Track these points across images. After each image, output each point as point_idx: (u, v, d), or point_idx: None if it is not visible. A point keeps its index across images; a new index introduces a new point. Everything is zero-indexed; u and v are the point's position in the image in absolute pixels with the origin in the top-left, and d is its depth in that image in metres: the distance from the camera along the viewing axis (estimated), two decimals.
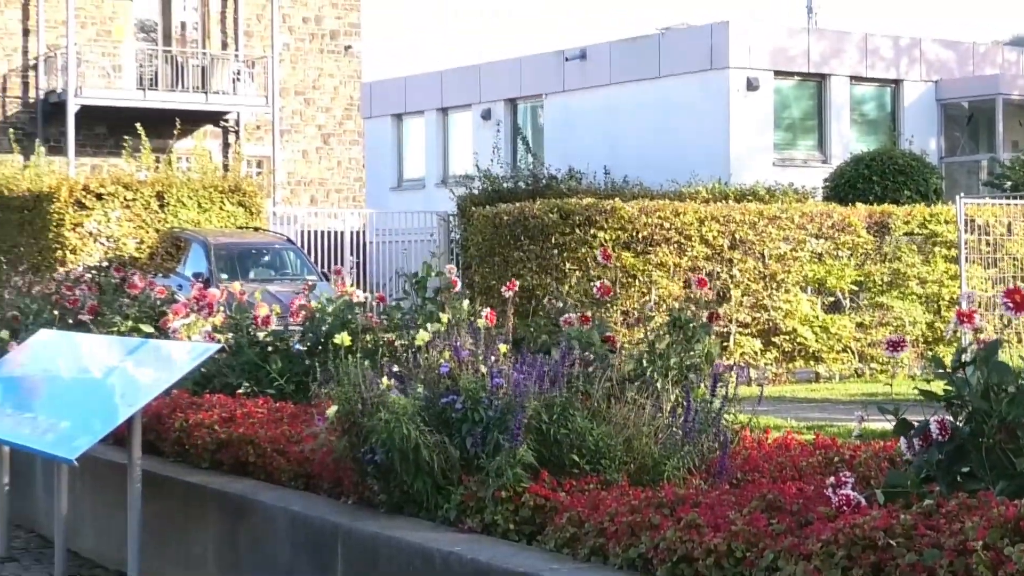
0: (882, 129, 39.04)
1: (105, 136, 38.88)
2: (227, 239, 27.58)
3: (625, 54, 39.95)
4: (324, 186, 43.49)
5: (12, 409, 10.05)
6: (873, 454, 7.47)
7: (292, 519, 8.14)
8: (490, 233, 22.23)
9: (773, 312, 21.51)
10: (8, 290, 15.56)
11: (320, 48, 43.61)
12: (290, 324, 11.41)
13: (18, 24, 40.01)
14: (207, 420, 9.72)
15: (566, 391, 7.85)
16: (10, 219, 29.43)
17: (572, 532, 6.62)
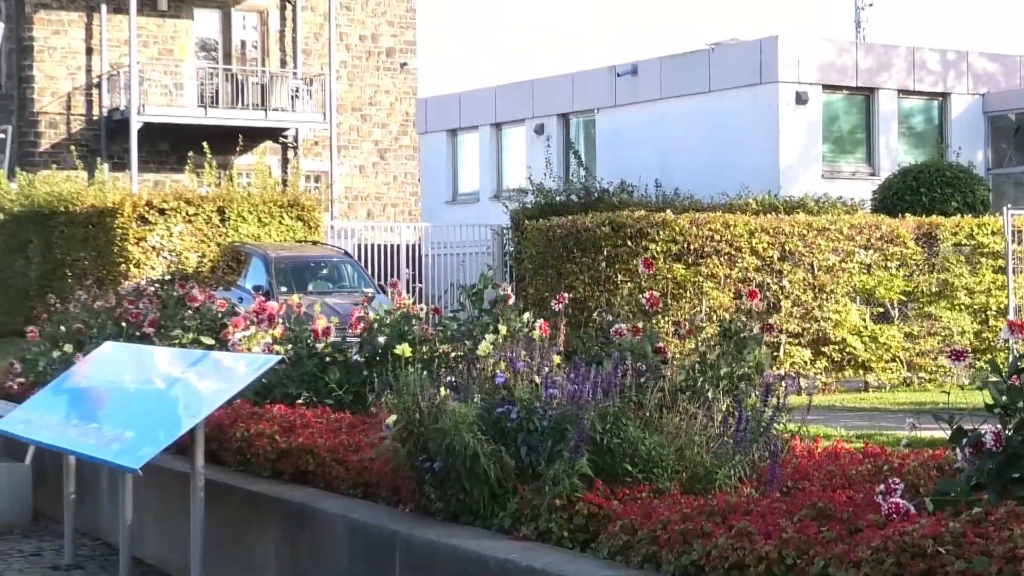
0: (930, 141, 38.85)
1: (167, 152, 39.12)
2: (286, 252, 27.69)
3: (676, 69, 39.88)
4: (380, 200, 43.61)
5: (78, 420, 10.12)
6: (922, 462, 7.42)
7: (351, 527, 8.15)
8: (543, 246, 22.22)
9: (823, 322, 21.41)
10: (73, 304, 15.65)
11: (376, 65, 43.76)
12: (348, 336, 11.43)
13: (82, 43, 40.31)
14: (268, 430, 9.75)
15: (619, 401, 7.84)
16: (75, 234, 29.64)
17: (625, 540, 6.61)
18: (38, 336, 15.10)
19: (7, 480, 12.60)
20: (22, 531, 12.38)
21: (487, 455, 7.51)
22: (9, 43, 37.20)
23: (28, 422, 10.65)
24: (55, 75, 40.02)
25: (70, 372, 11.74)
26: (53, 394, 11.09)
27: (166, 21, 40.96)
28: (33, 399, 11.42)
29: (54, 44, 39.93)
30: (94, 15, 40.21)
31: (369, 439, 8.66)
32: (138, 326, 13.38)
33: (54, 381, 11.69)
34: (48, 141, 39.79)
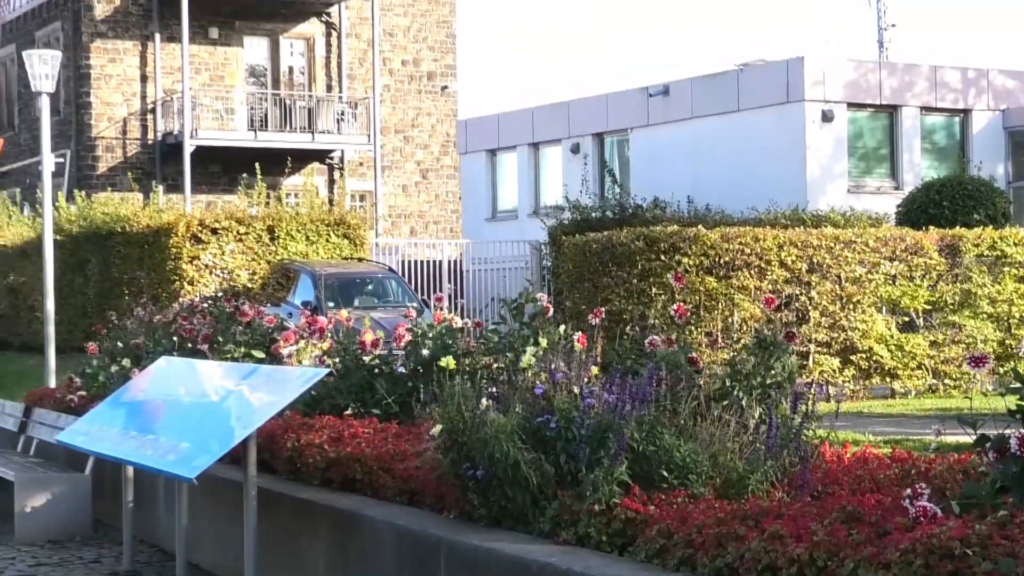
0: (951, 156, 38.71)
1: (219, 174, 39.29)
2: (333, 269, 27.75)
3: (706, 90, 39.86)
4: (423, 218, 43.69)
5: (136, 432, 10.17)
6: (948, 467, 7.39)
7: (398, 532, 8.17)
8: (580, 260, 22.23)
9: (850, 332, 21.34)
10: (130, 320, 15.73)
11: (418, 89, 43.86)
12: (393, 349, 11.45)
13: (136, 71, 40.54)
14: (317, 440, 9.79)
15: (654, 410, 7.84)
16: (131, 253, 29.77)
17: (662, 543, 6.61)
18: (97, 351, 15.18)
19: (68, 490, 12.67)
20: (82, 539, 12.44)
21: (528, 463, 7.52)
22: (67, 71, 37.36)
23: (88, 434, 10.72)
24: (111, 101, 40.26)
25: (128, 386, 11.81)
26: (112, 407, 11.16)
27: (217, 49, 41.16)
28: (93, 412, 11.49)
29: (110, 72, 40.17)
30: (148, 44, 40.43)
31: (415, 448, 8.68)
32: (192, 341, 13.43)
33: (112, 394, 11.76)
34: (105, 164, 40.01)
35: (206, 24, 40.56)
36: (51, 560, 11.66)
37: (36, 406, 15.26)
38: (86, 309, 28.92)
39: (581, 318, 18.70)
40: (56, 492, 12.61)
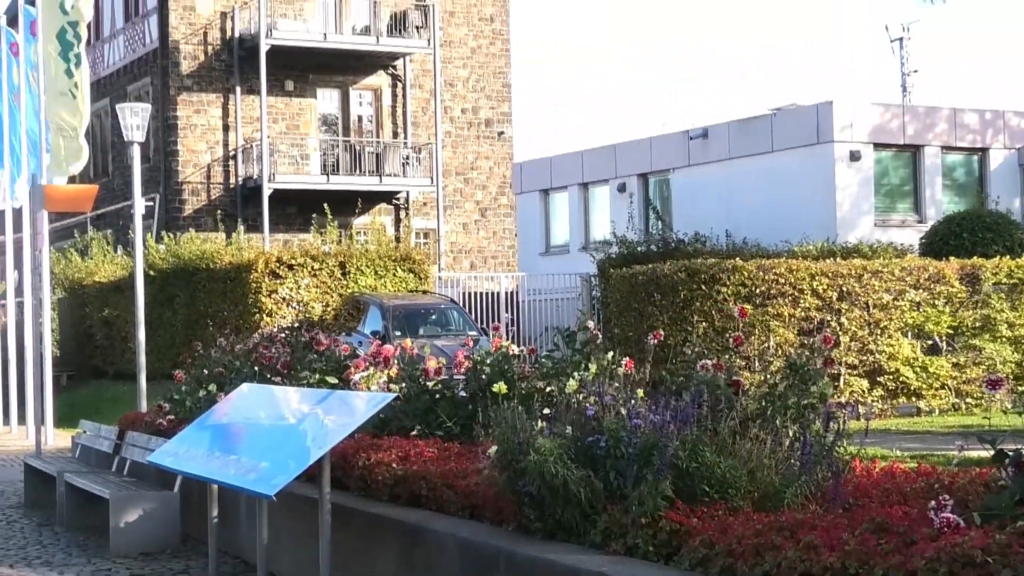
0: (971, 192, 38.51)
1: (295, 215, 39.54)
2: (400, 301, 27.83)
3: (741, 132, 39.83)
4: (482, 253, 43.80)
5: (220, 452, 10.21)
6: (970, 480, 7.33)
7: (461, 544, 8.17)
8: (627, 291, 22.23)
9: (878, 355, 21.25)
10: (214, 349, 15.81)
11: (477, 134, 44.03)
12: (455, 374, 11.45)
13: (219, 121, 40.90)
14: (386, 459, 9.81)
15: (696, 429, 7.83)
16: (215, 288, 29.98)
17: (704, 553, 6.59)
18: (184, 378, 15.26)
19: (158, 506, 12.73)
20: (171, 551, 12.50)
21: (576, 481, 7.51)
22: (156, 122, 37.76)
23: (176, 455, 10.77)
24: (196, 149, 40.62)
25: (212, 410, 11.85)
26: (198, 430, 11.21)
27: (292, 100, 41.48)
28: (180, 435, 11.55)
29: (195, 122, 40.55)
30: (230, 96, 40.80)
31: (474, 466, 8.68)
32: (271, 368, 13.49)
33: (198, 418, 11.81)
34: (191, 207, 40.34)
35: (282, 78, 40.89)
36: (143, 571, 11.73)
37: (129, 429, 15.37)
38: (174, 340, 29.12)
39: (628, 344, 18.72)
40: (147, 508, 12.68)
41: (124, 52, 43.89)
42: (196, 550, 12.28)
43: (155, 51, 41.29)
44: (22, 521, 15.22)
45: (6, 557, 12.76)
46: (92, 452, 16.52)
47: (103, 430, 16.40)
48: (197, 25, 40.64)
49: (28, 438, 24.93)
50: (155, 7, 41.28)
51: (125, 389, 25.15)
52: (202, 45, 40.68)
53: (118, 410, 20.59)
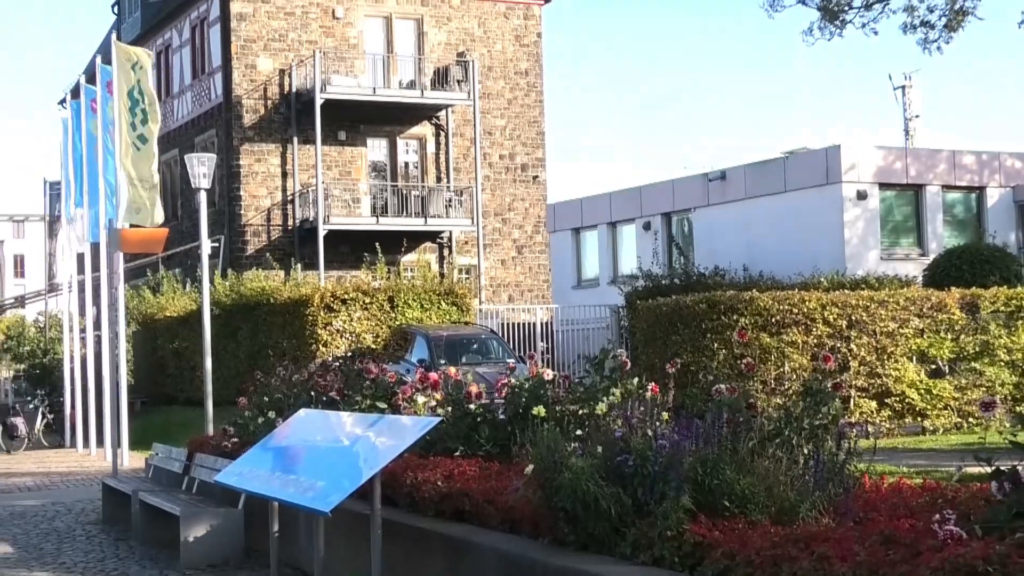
0: (969, 227, 38.40)
1: (347, 253, 39.62)
2: (444, 332, 27.86)
3: (756, 174, 39.84)
4: (519, 287, 43.80)
5: (280, 472, 10.23)
6: (971, 495, 7.28)
7: (501, 556, 8.16)
8: (652, 321, 22.20)
9: (885, 378, 21.13)
10: (274, 378, 15.81)
11: (513, 178, 44.10)
12: (495, 399, 11.45)
13: (278, 168, 41.12)
14: (431, 478, 9.82)
15: (717, 449, 7.81)
16: (275, 321, 30.09)
17: (726, 564, 6.57)
18: (247, 404, 15.27)
19: (223, 522, 12.75)
20: (236, 564, 12.51)
21: (606, 497, 7.51)
22: (220, 170, 37.95)
23: (240, 475, 10.80)
24: (257, 194, 40.83)
25: (273, 434, 11.88)
26: (260, 451, 11.23)
27: (345, 149, 41.67)
28: (244, 456, 11.57)
29: (256, 170, 40.77)
30: (288, 146, 41.03)
31: (513, 484, 8.68)
32: (326, 394, 13.49)
33: (261, 441, 11.83)
34: (253, 247, 40.53)
35: (336, 128, 41.09)
36: None
37: (197, 451, 15.40)
38: (238, 369, 29.19)
39: (654, 370, 18.65)
40: (214, 524, 12.70)
41: (192, 107, 44.22)
42: (259, 562, 12.29)
43: (220, 105, 41.58)
44: (100, 536, 15.29)
45: (86, 569, 12.82)
46: (164, 472, 16.58)
47: (174, 452, 16.46)
48: (258, 81, 40.92)
49: (106, 460, 25.05)
50: (219, 66, 41.60)
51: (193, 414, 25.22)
52: (262, 100, 40.95)
53: (187, 434, 20.66)
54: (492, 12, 43.90)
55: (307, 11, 41.41)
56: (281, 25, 41.19)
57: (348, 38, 41.87)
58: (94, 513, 17.30)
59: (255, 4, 40.93)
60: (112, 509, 16.43)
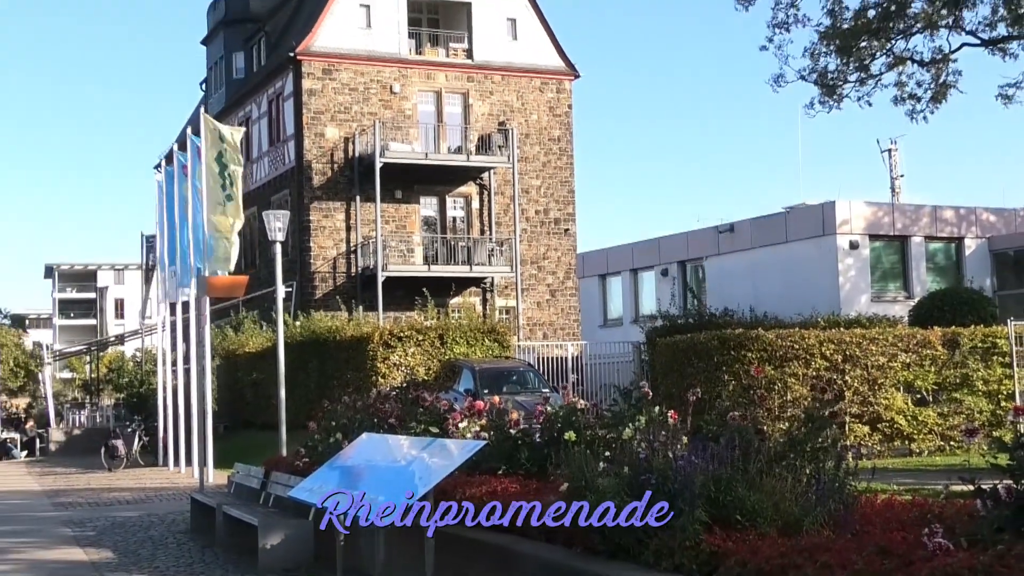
0: (950, 273, 38.17)
1: (402, 297, 39.72)
2: (487, 364, 27.86)
3: (761, 227, 39.79)
4: (552, 326, 43.75)
5: (345, 488, 10.22)
6: (957, 511, 7.19)
7: (541, 562, 8.12)
8: (670, 356, 22.15)
9: (876, 406, 21.00)
10: (340, 405, 15.82)
11: (547, 231, 44.15)
12: (533, 424, 11.42)
13: (342, 223, 41.33)
14: (478, 493, 9.78)
15: (730, 469, 7.75)
16: (340, 355, 30.16)
17: (739, 571, 6.51)
18: (316, 428, 15.27)
19: (296, 532, 12.74)
20: (306, 569, 12.49)
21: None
22: (293, 225, 38.20)
23: (311, 490, 10.79)
24: (325, 245, 41.03)
25: (339, 454, 11.87)
26: (328, 470, 11.23)
27: (401, 206, 41.86)
28: (314, 474, 11.57)
29: (324, 224, 41.00)
30: (351, 203, 41.25)
31: (549, 500, 8.63)
32: (385, 420, 13.47)
33: (328, 461, 11.83)
34: (320, 291, 40.70)
35: (393, 188, 41.30)
36: None
37: (273, 470, 15.41)
38: (308, 397, 29.23)
39: (673, 399, 18.57)
40: (287, 533, 12.69)
41: (268, 170, 44.55)
42: (327, 567, 12.25)
43: (293, 169, 41.87)
44: (189, 543, 15.31)
45: (177, 573, 12.84)
46: (244, 488, 16.59)
47: (252, 470, 16.47)
48: (325, 148, 41.20)
49: (194, 477, 25.14)
50: (293, 134, 41.92)
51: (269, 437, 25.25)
52: (329, 163, 41.22)
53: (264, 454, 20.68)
54: (529, 87, 44.11)
55: (368, 87, 41.74)
56: (346, 99, 41.51)
57: (404, 110, 42.14)
58: (183, 523, 17.33)
59: (324, 81, 41.28)
60: (199, 520, 16.46)
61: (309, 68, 41.18)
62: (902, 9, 32.85)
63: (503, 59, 43.61)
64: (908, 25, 33.17)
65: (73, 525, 18.05)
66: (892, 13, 32.78)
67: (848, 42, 32.86)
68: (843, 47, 33.03)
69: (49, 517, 19.65)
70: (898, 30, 33.19)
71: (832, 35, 33.01)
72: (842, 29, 32.88)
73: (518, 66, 43.78)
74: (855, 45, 32.97)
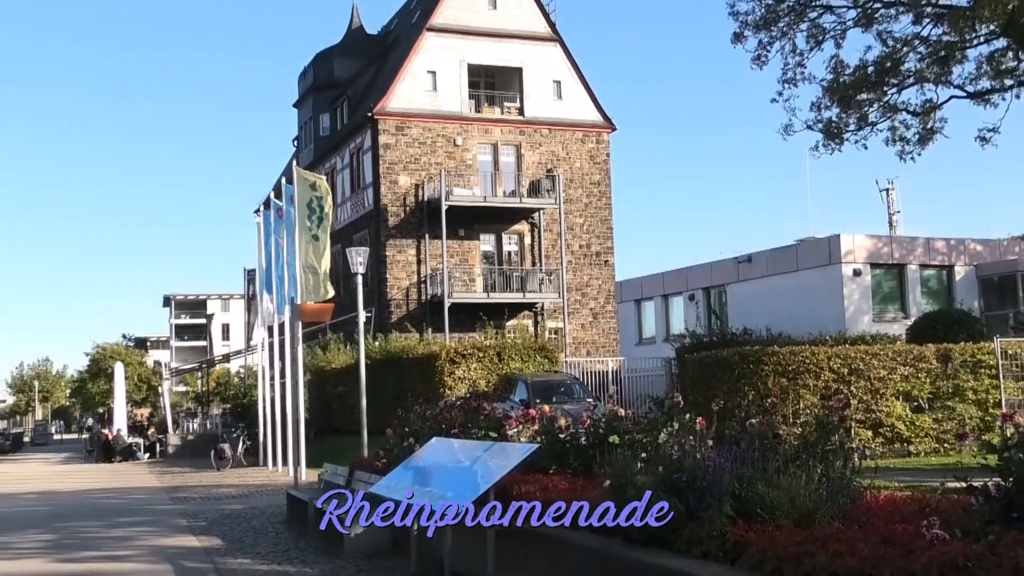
0: (942, 296, 37.67)
1: (465, 320, 39.82)
2: (539, 378, 27.81)
3: (775, 257, 39.51)
4: (594, 344, 43.63)
5: (418, 486, 10.24)
6: (952, 505, 7.08)
7: (588, 550, 8.07)
8: (697, 370, 21.99)
9: (878, 413, 20.69)
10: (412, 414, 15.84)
11: (590, 263, 44.09)
12: (579, 429, 11.38)
13: (413, 257, 41.54)
14: (532, 490, 9.75)
15: (751, 469, 7.68)
16: (412, 371, 30.24)
17: (759, 557, 6.45)
18: (392, 434, 15.32)
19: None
20: (385, 554, 12.51)
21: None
22: (372, 259, 38.45)
23: (388, 487, 10.81)
24: (399, 277, 41.23)
25: (412, 456, 11.90)
26: (403, 470, 11.26)
27: (463, 242, 41.99)
28: (391, 473, 11.61)
29: (398, 259, 41.21)
30: (421, 241, 41.46)
31: (594, 495, 8.59)
32: (451, 426, 13.48)
33: (403, 462, 11.86)
34: (395, 316, 40.87)
35: (456, 227, 41.47)
36: (367, 567, 11.77)
37: (356, 469, 15.46)
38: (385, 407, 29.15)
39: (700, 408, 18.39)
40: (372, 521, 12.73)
41: (351, 212, 44.91)
42: (403, 553, 12.28)
43: (371, 211, 42.17)
44: (285, 532, 15.39)
45: (276, 557, 12.91)
46: (331, 485, 16.64)
47: (339, 470, 16.55)
48: (399, 193, 41.46)
49: (289, 475, 25.29)
50: (371, 182, 42.24)
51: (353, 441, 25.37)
52: (402, 207, 41.47)
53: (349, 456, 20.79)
54: (572, 139, 44.17)
55: (435, 141, 42.01)
56: (416, 151, 41.78)
57: (465, 160, 42.34)
58: (280, 515, 17.43)
59: (397, 136, 41.59)
60: (294, 512, 16.54)
61: (384, 126, 41.52)
62: (896, 65, 32.60)
63: (550, 115, 43.72)
64: (901, 80, 32.91)
65: (187, 516, 18.22)
66: (887, 69, 32.55)
67: (848, 94, 32.66)
68: (844, 99, 32.83)
69: (167, 510, 19.85)
70: (893, 84, 32.93)
71: (834, 89, 32.81)
72: (843, 83, 32.67)
73: (563, 121, 43.87)
74: (854, 97, 32.76)
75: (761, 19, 32.93)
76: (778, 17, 32.90)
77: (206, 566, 12.42)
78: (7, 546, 14.98)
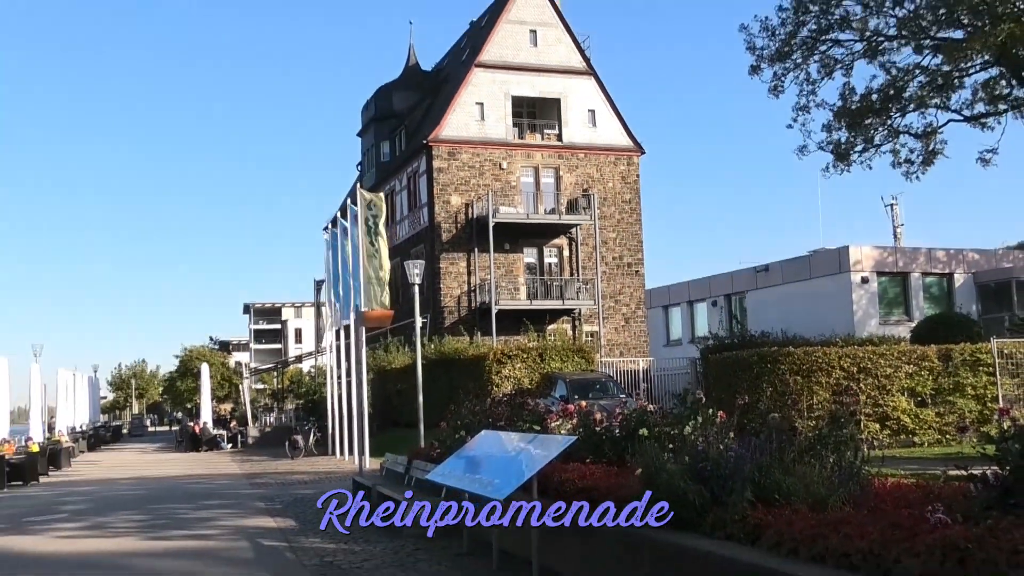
0: (943, 301, 37.13)
1: (510, 325, 39.83)
2: (577, 376, 27.73)
3: (790, 266, 39.15)
4: (627, 346, 43.44)
5: (469, 473, 10.24)
6: (954, 492, 6.96)
7: (620, 531, 8.02)
8: (720, 369, 21.81)
9: (885, 407, 20.40)
10: (464, 409, 15.83)
11: (622, 272, 43.94)
12: (612, 423, 11.33)
13: (464, 269, 41.62)
14: (571, 476, 9.71)
15: (769, 458, 7.60)
16: (464, 370, 30.27)
17: (777, 539, 6.38)
18: (446, 427, 15.33)
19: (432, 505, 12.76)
20: (439, 534, 12.51)
21: (692, 491, 7.36)
22: (427, 271, 38.58)
23: (443, 474, 10.83)
24: (451, 286, 41.33)
25: (464, 447, 11.90)
26: (455, 459, 11.26)
27: (508, 255, 42.02)
28: (445, 462, 11.61)
29: (450, 271, 41.32)
30: (471, 254, 41.54)
31: (627, 482, 8.54)
32: (498, 420, 13.47)
33: (456, 452, 11.87)
34: (448, 321, 40.97)
35: (502, 242, 41.52)
36: (424, 545, 11.78)
37: (414, 458, 15.47)
38: (439, 402, 29.27)
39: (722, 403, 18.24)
40: (425, 507, 12.74)
41: (408, 229, 45.11)
42: (456, 534, 12.28)
43: (426, 228, 42.36)
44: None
45: (342, 536, 12.94)
46: (392, 472, 16.71)
47: (399, 458, 16.60)
48: (451, 212, 41.61)
49: (355, 464, 25.41)
50: (426, 202, 42.44)
51: (411, 433, 25.46)
52: (454, 224, 41.60)
53: (407, 446, 20.85)
54: (605, 161, 44.09)
55: (483, 165, 42.12)
56: (466, 174, 41.91)
57: (510, 181, 42.40)
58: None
59: (449, 161, 41.77)
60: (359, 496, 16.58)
61: (438, 152, 41.70)
62: (900, 93, 32.25)
63: (585, 141, 43.67)
64: (904, 105, 32.54)
65: (265, 500, 18.36)
66: (891, 96, 32.21)
67: (856, 119, 32.37)
68: (852, 123, 32.54)
69: (247, 494, 20.01)
70: (896, 109, 32.57)
71: (843, 114, 32.54)
72: (851, 109, 32.39)
73: (597, 146, 43.80)
74: (861, 122, 32.46)
75: (776, 53, 32.72)
76: (792, 50, 32.67)
77: (282, 544, 12.50)
78: (105, 525, 15.19)
